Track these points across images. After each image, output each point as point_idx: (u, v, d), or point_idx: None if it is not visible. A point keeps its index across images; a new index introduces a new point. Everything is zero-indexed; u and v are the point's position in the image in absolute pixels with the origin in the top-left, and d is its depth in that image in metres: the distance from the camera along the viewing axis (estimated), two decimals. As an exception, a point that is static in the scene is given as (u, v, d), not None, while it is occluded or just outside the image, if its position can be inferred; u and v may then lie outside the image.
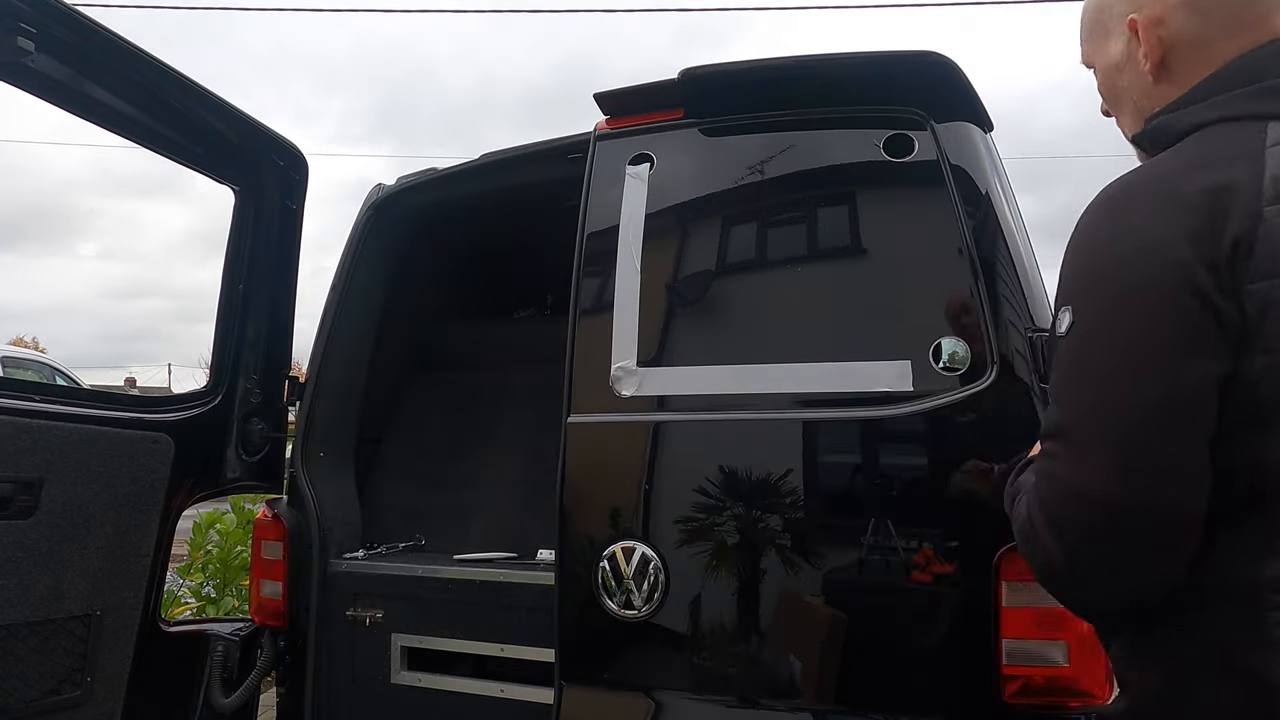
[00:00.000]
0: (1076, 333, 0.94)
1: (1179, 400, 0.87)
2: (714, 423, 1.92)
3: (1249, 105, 0.95)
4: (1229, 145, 0.92)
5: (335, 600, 2.54)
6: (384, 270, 2.93)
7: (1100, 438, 0.90)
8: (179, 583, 4.99)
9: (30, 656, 2.23)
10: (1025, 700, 1.63)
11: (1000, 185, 1.95)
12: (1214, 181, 0.89)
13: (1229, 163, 0.90)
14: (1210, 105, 0.98)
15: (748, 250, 2.10)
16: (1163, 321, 0.87)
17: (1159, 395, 0.87)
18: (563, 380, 2.05)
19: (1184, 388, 0.86)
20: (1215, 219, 0.87)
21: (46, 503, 2.23)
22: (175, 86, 2.40)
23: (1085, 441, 0.91)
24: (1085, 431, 0.91)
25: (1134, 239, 0.91)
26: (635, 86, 2.17)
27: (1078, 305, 0.95)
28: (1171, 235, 0.88)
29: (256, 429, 2.84)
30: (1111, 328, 0.92)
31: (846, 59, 2.01)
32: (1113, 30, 1.12)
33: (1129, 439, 0.88)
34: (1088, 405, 0.92)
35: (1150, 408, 0.87)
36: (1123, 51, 1.11)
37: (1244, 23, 1.01)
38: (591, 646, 1.95)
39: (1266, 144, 0.90)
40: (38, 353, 16.20)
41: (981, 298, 1.77)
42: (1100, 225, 0.98)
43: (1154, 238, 0.89)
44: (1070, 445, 0.93)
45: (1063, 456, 0.93)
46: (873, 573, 1.76)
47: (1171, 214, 0.89)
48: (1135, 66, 1.09)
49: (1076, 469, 0.91)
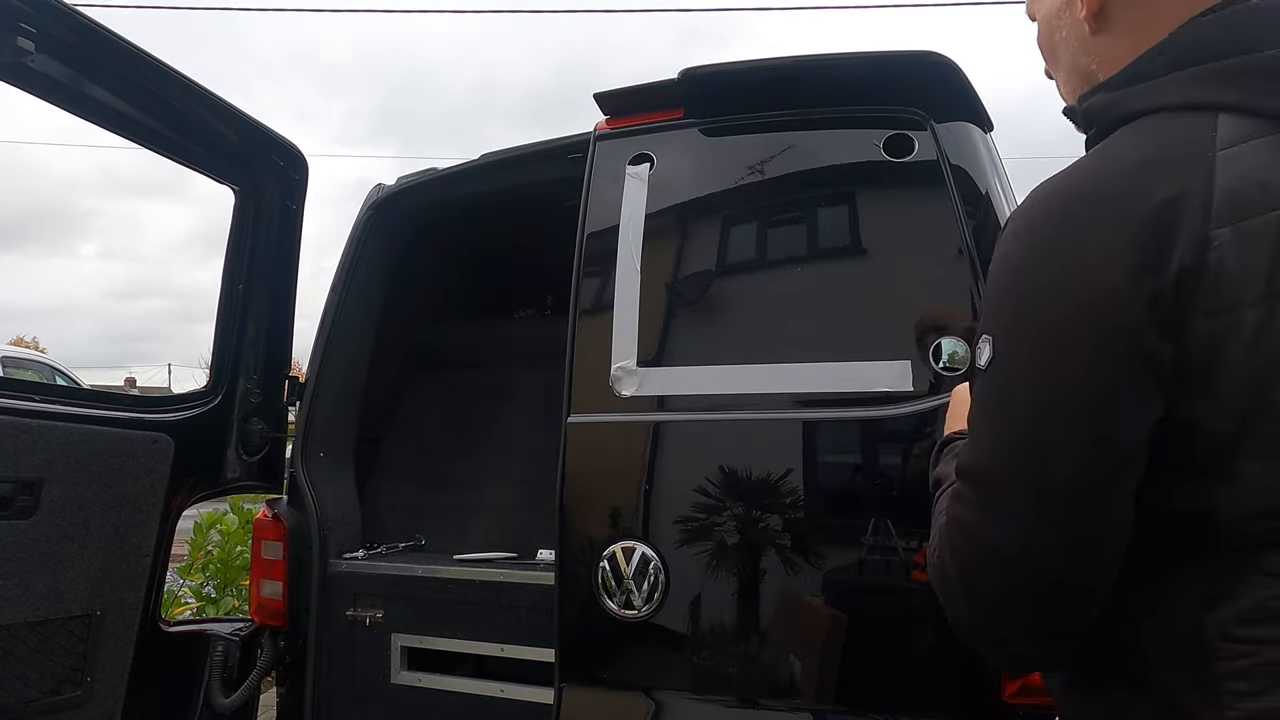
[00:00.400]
0: (996, 370, 0.84)
1: (1106, 458, 0.78)
2: (714, 423, 1.92)
3: (1197, 92, 0.82)
4: (1174, 145, 0.80)
5: (335, 600, 2.54)
6: (384, 270, 2.93)
7: (1017, 494, 0.81)
8: (179, 583, 4.99)
9: (30, 656, 2.23)
10: (1025, 700, 1.63)
11: (1000, 185, 1.95)
12: (1156, 194, 0.76)
13: (1174, 169, 0.78)
14: (1154, 88, 0.85)
15: (748, 250, 2.10)
16: (1092, 368, 0.77)
17: (1084, 451, 0.78)
18: (563, 380, 2.05)
19: (1113, 444, 0.78)
20: (1157, 243, 0.75)
21: (46, 503, 2.23)
22: (175, 86, 2.40)
23: (1001, 495, 0.83)
24: (1001, 484, 0.83)
25: (1062, 266, 0.80)
26: (635, 86, 2.17)
27: (998, 337, 0.84)
28: (1105, 263, 0.77)
29: (256, 429, 2.84)
30: (1033, 370, 0.81)
31: (846, 59, 2.01)
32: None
33: (1048, 498, 0.79)
34: (1005, 454, 0.83)
35: (1074, 465, 0.78)
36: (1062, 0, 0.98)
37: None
38: (591, 646, 1.95)
39: (1216, 146, 0.78)
40: (37, 353, 16.20)
41: (981, 298, 1.77)
42: (1026, 243, 0.84)
43: (1085, 266, 0.78)
44: (985, 495, 0.84)
45: (977, 505, 0.85)
46: (873, 573, 1.76)
47: (1106, 236, 0.77)
48: (1073, 14, 0.96)
49: (991, 522, 0.83)
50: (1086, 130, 0.96)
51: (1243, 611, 0.76)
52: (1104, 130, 0.90)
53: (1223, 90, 0.81)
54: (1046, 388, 0.80)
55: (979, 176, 1.89)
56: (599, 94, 2.18)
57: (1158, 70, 0.86)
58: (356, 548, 2.68)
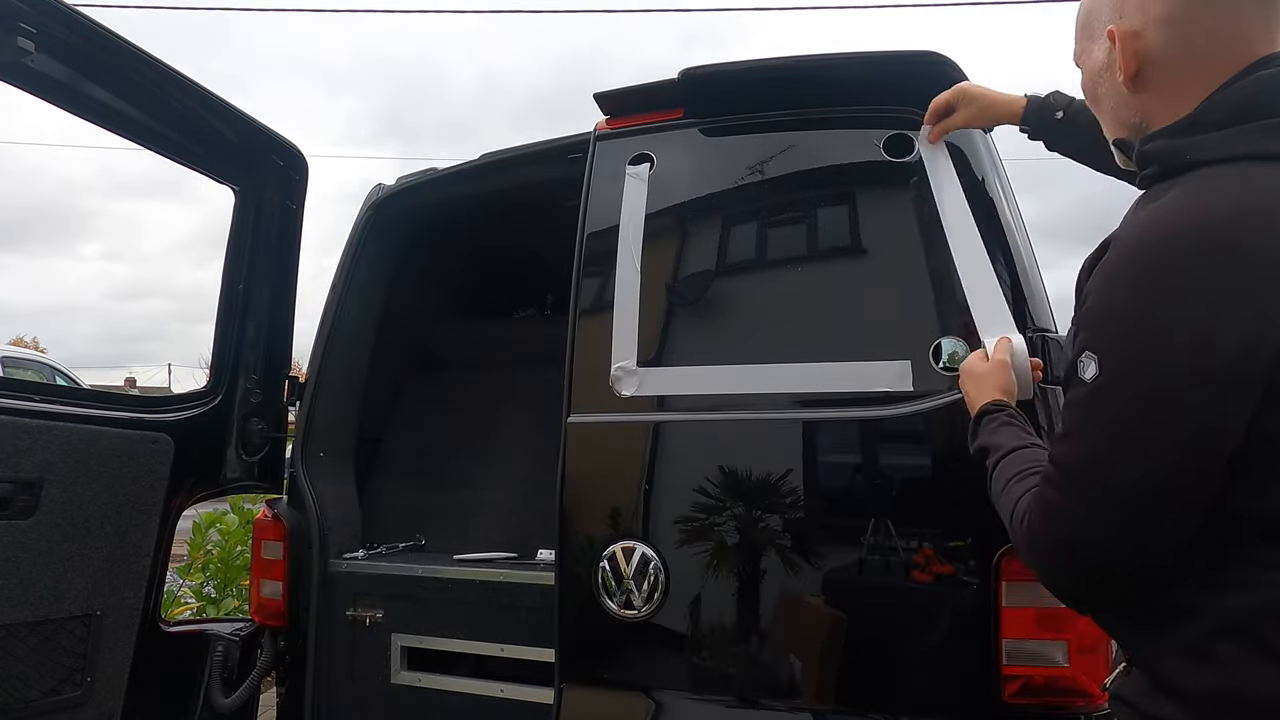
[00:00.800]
0: (1102, 391, 0.95)
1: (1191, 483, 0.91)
2: (714, 423, 1.92)
3: (1268, 143, 0.93)
4: (1259, 194, 0.90)
5: (335, 600, 2.54)
6: (384, 270, 2.93)
7: (1103, 497, 0.95)
8: (179, 583, 4.99)
9: (30, 656, 2.23)
10: (1025, 700, 1.63)
11: (1000, 185, 1.95)
12: (1260, 247, 0.87)
13: (1268, 216, 0.88)
14: (1225, 138, 0.96)
15: (748, 250, 2.10)
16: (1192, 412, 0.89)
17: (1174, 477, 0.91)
18: (563, 380, 2.05)
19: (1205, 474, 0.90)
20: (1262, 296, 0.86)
21: (46, 503, 2.23)
22: (175, 86, 2.40)
23: (1088, 493, 0.96)
24: (1091, 485, 0.96)
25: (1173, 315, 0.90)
26: (635, 86, 2.18)
27: (1107, 366, 0.94)
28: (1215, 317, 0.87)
29: (256, 429, 2.84)
30: (1137, 402, 0.92)
31: (846, 59, 2.01)
32: (1097, 36, 1.12)
33: (1130, 507, 0.93)
34: (1100, 463, 0.95)
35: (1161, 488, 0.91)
36: (1104, 59, 1.11)
37: (1224, 44, 1.01)
38: (591, 646, 1.95)
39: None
40: (37, 353, 16.20)
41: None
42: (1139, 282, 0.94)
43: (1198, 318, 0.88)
44: (1073, 489, 0.98)
45: (1064, 494, 0.99)
46: (873, 573, 1.76)
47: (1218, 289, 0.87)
48: (1113, 75, 1.09)
49: (1072, 513, 0.98)
50: (1142, 167, 1.06)
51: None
52: (1168, 171, 1.00)
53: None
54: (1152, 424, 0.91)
55: (979, 176, 1.89)
56: (599, 94, 2.18)
57: (1218, 122, 0.97)
58: (356, 548, 2.68)
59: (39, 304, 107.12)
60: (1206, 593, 0.95)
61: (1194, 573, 0.96)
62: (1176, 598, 0.97)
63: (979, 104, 1.81)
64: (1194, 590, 0.96)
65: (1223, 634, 0.94)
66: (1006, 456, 1.22)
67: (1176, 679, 0.99)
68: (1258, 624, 0.92)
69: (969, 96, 1.82)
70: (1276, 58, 0.99)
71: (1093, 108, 1.19)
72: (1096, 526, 0.96)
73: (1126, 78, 1.06)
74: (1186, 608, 0.96)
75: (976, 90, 1.82)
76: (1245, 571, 0.93)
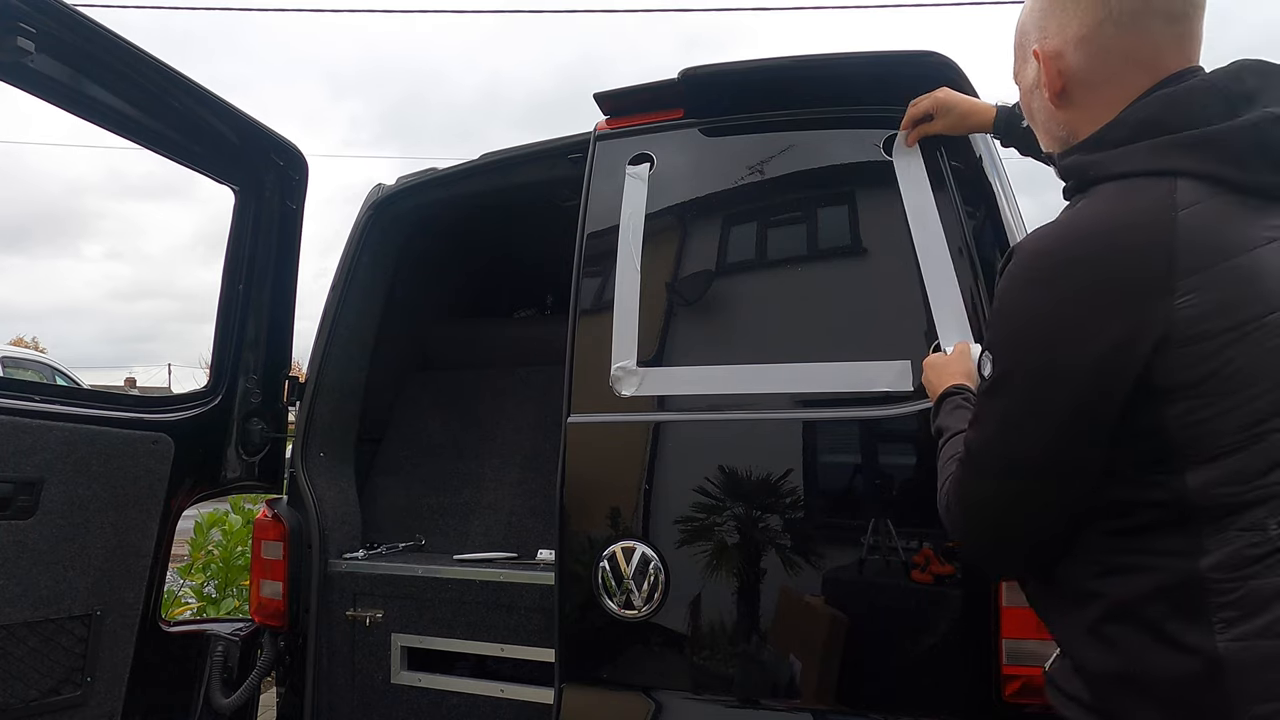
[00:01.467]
0: (995, 384, 1.08)
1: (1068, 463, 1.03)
2: (714, 423, 1.92)
3: (1157, 160, 1.01)
4: (1143, 207, 0.99)
5: (335, 600, 2.54)
6: (384, 270, 2.93)
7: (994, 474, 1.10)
8: (180, 583, 4.99)
9: (30, 656, 2.23)
10: (1025, 700, 1.63)
11: (1000, 185, 1.95)
12: (1134, 257, 0.96)
13: (1147, 228, 0.97)
14: (1122, 155, 1.04)
15: (748, 250, 2.10)
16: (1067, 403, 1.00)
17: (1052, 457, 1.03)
18: (562, 380, 2.04)
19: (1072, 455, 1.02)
20: (1134, 300, 0.95)
21: (46, 503, 2.23)
22: (175, 86, 2.40)
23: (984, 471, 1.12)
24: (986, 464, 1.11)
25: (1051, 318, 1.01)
26: (635, 86, 2.17)
27: (999, 360, 1.07)
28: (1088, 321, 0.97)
29: (257, 429, 2.84)
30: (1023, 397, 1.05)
31: (846, 59, 2.01)
32: (1026, 55, 1.20)
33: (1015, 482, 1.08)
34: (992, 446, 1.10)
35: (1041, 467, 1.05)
36: (1034, 78, 1.18)
37: (1137, 62, 1.07)
38: (591, 646, 1.95)
39: (1177, 207, 0.96)
40: (37, 352, 16.20)
41: (981, 298, 1.77)
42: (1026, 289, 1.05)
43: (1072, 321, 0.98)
44: (973, 466, 1.13)
45: (967, 471, 1.14)
46: (873, 573, 1.75)
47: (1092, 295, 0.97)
48: (1042, 93, 1.16)
49: (972, 486, 1.14)
50: (1064, 179, 1.16)
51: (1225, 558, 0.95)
52: (1080, 185, 1.10)
53: (1179, 159, 1.00)
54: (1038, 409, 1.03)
55: (979, 176, 1.89)
56: (599, 94, 2.18)
57: (1120, 139, 1.06)
58: (356, 548, 2.68)
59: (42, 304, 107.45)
60: (1102, 578, 1.04)
61: (1092, 558, 1.05)
62: (1079, 581, 1.07)
63: (956, 113, 1.85)
64: (1092, 575, 1.06)
65: (1115, 617, 1.03)
66: (952, 439, 1.34)
67: (1081, 659, 1.09)
68: (1146, 608, 1.00)
69: (946, 105, 1.85)
70: (1185, 74, 1.06)
71: (1030, 123, 1.26)
72: (989, 498, 1.12)
73: (1052, 95, 1.14)
74: (1086, 591, 1.06)
75: (953, 99, 1.85)
76: (1135, 558, 1.01)
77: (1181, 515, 0.98)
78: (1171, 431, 0.96)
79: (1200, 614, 0.96)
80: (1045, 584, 1.15)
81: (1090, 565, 1.06)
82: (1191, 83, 1.05)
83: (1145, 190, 1.00)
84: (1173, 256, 0.94)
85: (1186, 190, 0.98)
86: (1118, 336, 0.96)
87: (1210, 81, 1.05)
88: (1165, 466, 0.98)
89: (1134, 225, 0.98)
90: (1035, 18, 1.16)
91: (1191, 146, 1.00)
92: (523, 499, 2.81)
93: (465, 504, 2.88)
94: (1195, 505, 0.97)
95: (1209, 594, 0.96)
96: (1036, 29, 1.16)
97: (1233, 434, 0.95)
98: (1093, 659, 1.06)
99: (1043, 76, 1.14)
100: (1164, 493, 0.98)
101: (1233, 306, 0.94)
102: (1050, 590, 1.14)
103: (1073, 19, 1.10)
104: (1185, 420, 0.96)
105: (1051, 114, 1.17)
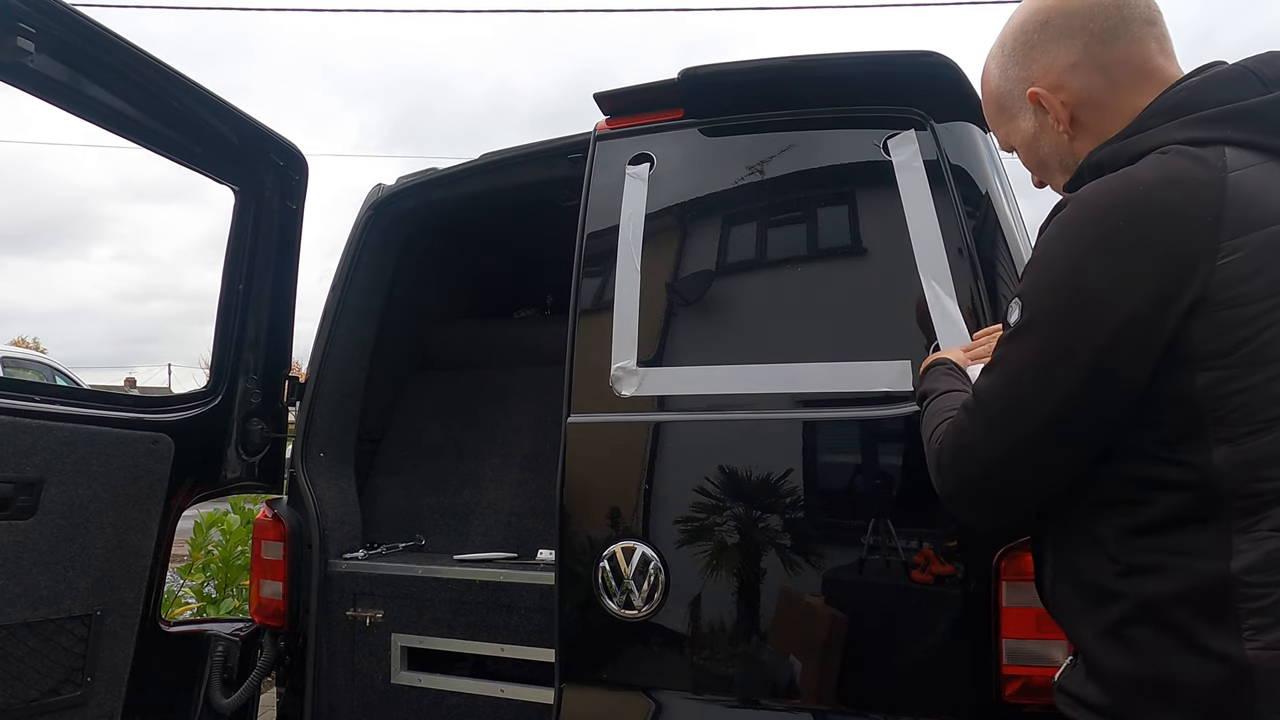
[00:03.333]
0: (1022, 331, 1.05)
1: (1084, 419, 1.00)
2: (714, 423, 1.92)
3: (1201, 130, 1.01)
4: (1193, 168, 0.97)
5: (335, 600, 2.54)
6: (384, 270, 2.93)
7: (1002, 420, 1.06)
8: (180, 583, 4.99)
9: (30, 656, 2.23)
10: (1025, 700, 1.63)
11: (1000, 185, 1.95)
12: (1183, 212, 0.95)
13: (1198, 186, 0.95)
14: (1161, 132, 1.04)
15: (748, 250, 2.10)
16: (1095, 357, 0.97)
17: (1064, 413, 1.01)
18: (563, 380, 2.04)
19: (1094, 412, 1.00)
20: (1178, 256, 0.94)
21: (46, 503, 2.23)
22: (175, 87, 2.40)
23: (991, 416, 1.08)
24: (996, 410, 1.07)
25: (1091, 269, 0.99)
26: (635, 86, 2.17)
27: (1029, 309, 1.04)
28: (1129, 274, 0.95)
29: (256, 429, 2.84)
30: (1048, 347, 1.02)
31: (846, 59, 2.01)
32: (1016, 110, 1.21)
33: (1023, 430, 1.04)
34: (1008, 391, 1.06)
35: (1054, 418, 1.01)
36: (1033, 124, 1.20)
37: (1134, 67, 1.11)
38: (591, 646, 1.95)
39: (1228, 169, 0.96)
40: (37, 353, 16.20)
41: (981, 298, 1.77)
42: (1069, 238, 1.03)
43: (1111, 274, 0.97)
44: (980, 411, 1.09)
45: (972, 416, 1.10)
46: (873, 573, 1.75)
47: (1136, 248, 0.96)
48: (1050, 132, 1.18)
49: (974, 430, 1.09)
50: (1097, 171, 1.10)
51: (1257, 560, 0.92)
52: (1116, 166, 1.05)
53: (1224, 129, 1.00)
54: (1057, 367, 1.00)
55: (979, 176, 1.89)
56: (598, 94, 2.18)
57: (1156, 124, 1.05)
58: (356, 548, 2.68)
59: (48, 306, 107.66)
60: (1124, 578, 1.02)
61: (1114, 557, 1.03)
62: (1100, 582, 1.05)
63: None
64: (1113, 575, 1.03)
65: (1138, 619, 1.01)
66: (940, 396, 1.32)
67: (1096, 660, 1.06)
68: (1170, 610, 0.97)
69: None
70: (1210, 66, 1.09)
71: (1041, 175, 1.26)
72: (993, 442, 1.07)
73: (1064, 126, 1.15)
74: (1108, 592, 1.03)
75: None
76: (1159, 558, 0.99)
77: (1208, 504, 0.95)
78: (1200, 403, 0.94)
79: (1229, 619, 0.93)
80: (1066, 585, 1.12)
81: (1112, 564, 1.03)
82: (1222, 68, 1.07)
83: (1194, 155, 0.99)
84: (1220, 216, 0.93)
85: (1237, 156, 0.98)
86: (1156, 291, 0.94)
87: (1243, 65, 1.06)
88: (1192, 442, 0.95)
89: (1185, 182, 0.97)
90: (1015, 70, 1.19)
91: (1234, 118, 1.00)
92: (523, 499, 2.81)
93: (465, 504, 2.88)
94: (1222, 490, 0.94)
95: (1239, 598, 0.93)
96: (1019, 79, 1.18)
97: (1265, 412, 0.92)
98: (1111, 661, 1.03)
99: (1052, 111, 1.15)
100: (1189, 473, 0.95)
101: (1274, 273, 0.92)
102: (1071, 592, 1.11)
103: (1059, 52, 1.14)
104: (1215, 392, 0.93)
105: (1067, 148, 1.17)
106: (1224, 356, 0.92)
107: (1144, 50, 1.11)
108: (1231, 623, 0.93)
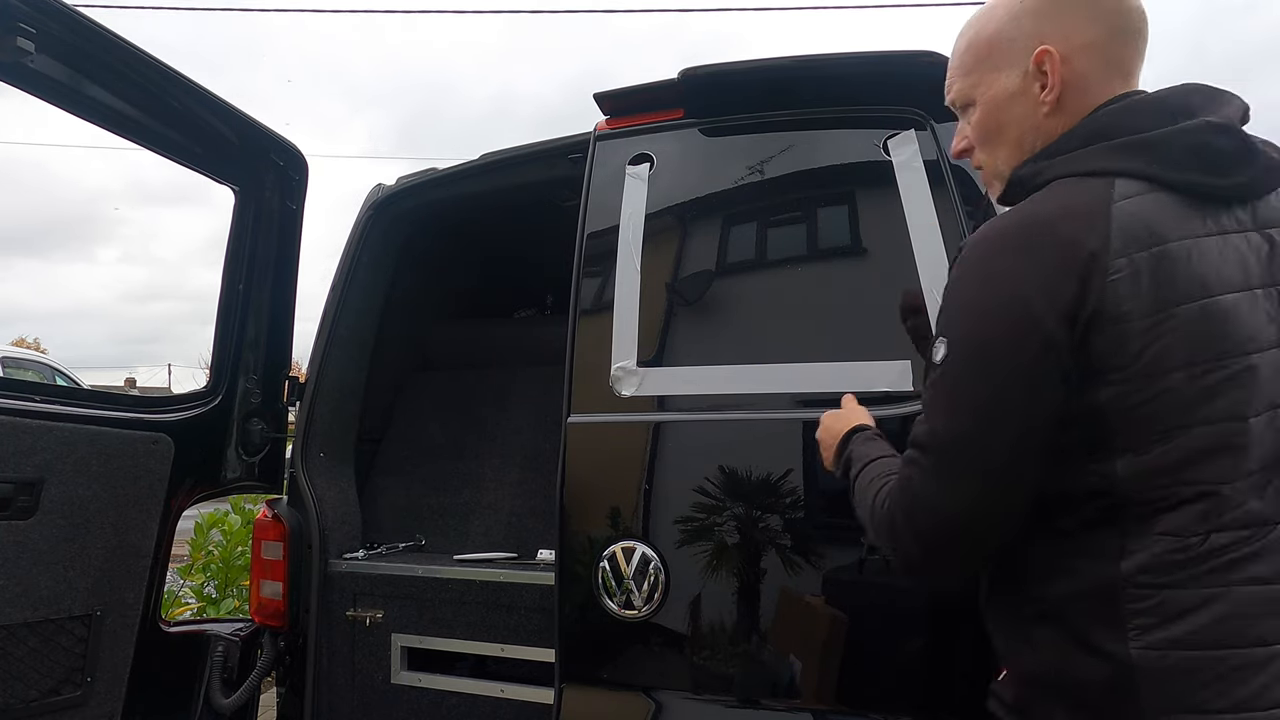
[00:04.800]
0: (948, 366, 1.06)
1: (1027, 441, 1.01)
2: (714, 423, 1.92)
3: (1099, 162, 1.06)
4: (1083, 198, 1.03)
5: (335, 600, 2.54)
6: (384, 270, 2.93)
7: (957, 465, 1.04)
8: (180, 583, 4.99)
9: (30, 656, 2.23)
10: (1025, 700, 1.63)
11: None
12: (1073, 236, 0.99)
13: (1086, 215, 1.01)
14: (1070, 159, 1.09)
15: (748, 250, 2.10)
16: (1019, 373, 1.00)
17: (1010, 436, 1.01)
18: (563, 380, 2.04)
19: (1033, 431, 1.01)
20: (1070, 274, 0.98)
21: (46, 503, 2.23)
22: (175, 86, 2.40)
23: (945, 464, 1.05)
24: (945, 455, 1.05)
25: (998, 293, 1.03)
26: (635, 86, 2.17)
27: (950, 341, 1.06)
28: (1031, 292, 0.99)
29: (257, 429, 2.84)
30: (975, 372, 1.04)
31: (846, 59, 2.01)
32: (1007, 63, 1.17)
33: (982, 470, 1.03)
34: (952, 433, 1.05)
35: (1001, 446, 1.01)
36: (1017, 84, 1.16)
37: (1125, 74, 1.14)
38: (591, 646, 1.95)
39: (1114, 199, 1.01)
40: (37, 353, 16.20)
41: None
42: (973, 271, 1.08)
43: (1016, 294, 1.01)
44: (924, 459, 1.07)
45: (918, 466, 1.08)
46: (873, 573, 1.75)
47: (1034, 269, 1.00)
48: (1029, 99, 1.15)
49: (935, 486, 1.06)
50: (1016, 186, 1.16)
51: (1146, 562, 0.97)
52: (1029, 191, 1.12)
53: (1121, 160, 1.05)
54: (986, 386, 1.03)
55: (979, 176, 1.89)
56: (598, 94, 2.18)
57: (1072, 147, 1.10)
58: (356, 548, 2.68)
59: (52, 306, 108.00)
60: (1043, 581, 1.06)
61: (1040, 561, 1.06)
62: (1023, 586, 1.08)
63: None
64: (1036, 579, 1.07)
65: (1044, 619, 1.05)
66: (872, 462, 1.28)
67: (1011, 662, 1.11)
68: (1069, 610, 1.02)
69: None
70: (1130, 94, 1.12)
71: (990, 147, 1.22)
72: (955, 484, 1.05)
73: (1053, 100, 1.13)
74: (1025, 596, 1.08)
75: None
76: (1070, 560, 1.03)
77: (1111, 510, 1.00)
78: (1107, 415, 0.99)
79: (1116, 619, 0.98)
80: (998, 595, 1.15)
81: (1030, 571, 1.07)
82: (1138, 98, 1.11)
83: (1087, 185, 1.05)
84: (1107, 238, 0.99)
85: (1124, 186, 1.03)
86: (1060, 307, 0.98)
87: (1156, 96, 1.11)
88: (1101, 452, 1.00)
89: (1075, 213, 1.02)
90: (1030, 24, 1.14)
91: (1131, 149, 1.05)
92: (523, 499, 2.81)
93: (465, 504, 2.88)
94: (1125, 497, 0.99)
95: (1127, 599, 0.97)
96: (1032, 33, 1.14)
97: (1163, 423, 0.97)
98: (1023, 661, 1.08)
99: (1051, 79, 1.13)
100: (1099, 480, 1.00)
101: (1160, 290, 0.97)
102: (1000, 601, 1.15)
103: (1085, 26, 1.12)
104: (1119, 404, 0.98)
105: (1035, 123, 1.15)
106: (1122, 370, 0.97)
107: (1134, 58, 1.15)
108: (1118, 623, 0.97)
